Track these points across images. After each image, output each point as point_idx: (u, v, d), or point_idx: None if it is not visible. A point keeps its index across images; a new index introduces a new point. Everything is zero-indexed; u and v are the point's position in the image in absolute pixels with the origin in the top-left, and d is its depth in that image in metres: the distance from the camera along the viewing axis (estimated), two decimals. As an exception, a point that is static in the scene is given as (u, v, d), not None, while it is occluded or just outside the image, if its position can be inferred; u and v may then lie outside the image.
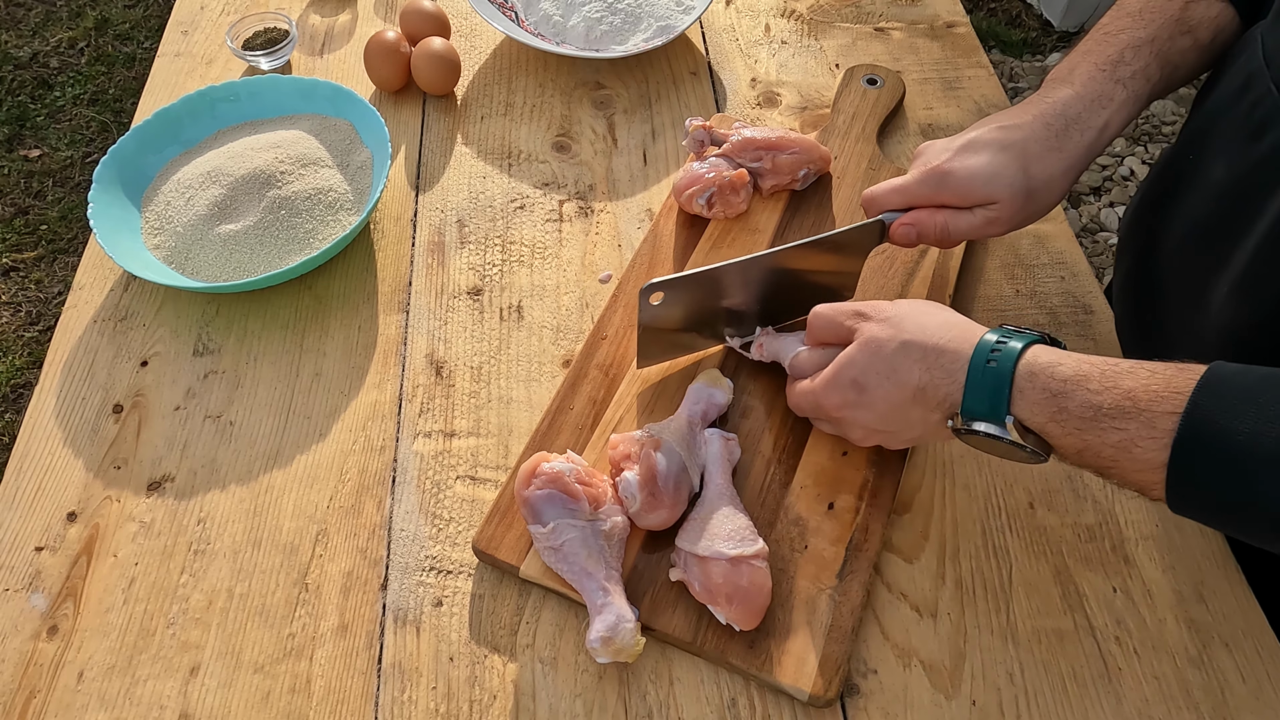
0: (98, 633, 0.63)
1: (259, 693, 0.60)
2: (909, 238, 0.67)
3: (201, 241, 0.78)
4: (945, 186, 0.65)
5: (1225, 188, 0.62)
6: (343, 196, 0.81)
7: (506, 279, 0.80)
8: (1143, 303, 0.72)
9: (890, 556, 0.64)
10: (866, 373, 0.59)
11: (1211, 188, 0.63)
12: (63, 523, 0.67)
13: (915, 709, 0.58)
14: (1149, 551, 0.64)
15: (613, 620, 0.57)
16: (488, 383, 0.74)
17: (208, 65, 0.99)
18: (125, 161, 0.83)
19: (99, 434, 0.72)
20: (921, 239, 0.68)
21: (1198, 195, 0.65)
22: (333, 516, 0.67)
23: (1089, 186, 2.03)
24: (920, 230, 0.67)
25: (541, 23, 0.98)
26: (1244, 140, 0.61)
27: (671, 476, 0.62)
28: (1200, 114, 0.67)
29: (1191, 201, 0.66)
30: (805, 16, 1.02)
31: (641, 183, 0.87)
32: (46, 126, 2.14)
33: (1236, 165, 0.61)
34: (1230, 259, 0.61)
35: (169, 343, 0.77)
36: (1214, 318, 0.62)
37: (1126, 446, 0.50)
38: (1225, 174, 0.62)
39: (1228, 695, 0.59)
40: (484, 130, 0.92)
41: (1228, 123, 0.63)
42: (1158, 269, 0.70)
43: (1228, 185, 0.62)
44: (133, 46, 2.32)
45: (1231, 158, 0.62)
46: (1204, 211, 0.64)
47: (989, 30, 2.34)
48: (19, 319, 1.84)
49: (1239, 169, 0.61)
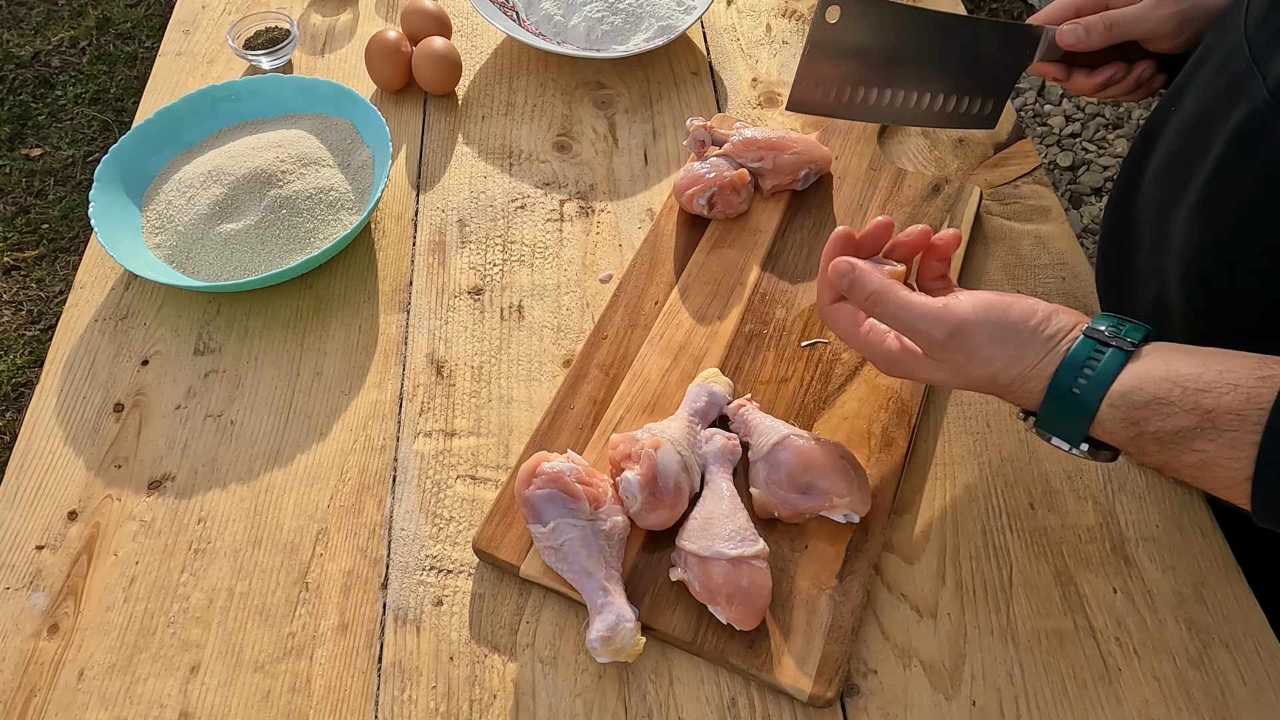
0: (98, 631, 0.63)
1: (259, 692, 0.60)
2: (1076, 34, 0.69)
3: (202, 241, 0.78)
4: None
5: (1190, 123, 0.63)
6: (344, 196, 0.82)
7: (507, 278, 0.80)
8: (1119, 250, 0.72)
9: (890, 557, 0.64)
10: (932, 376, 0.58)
11: (1180, 127, 0.64)
12: (63, 521, 0.67)
13: (915, 709, 0.58)
14: (1149, 552, 0.64)
15: (613, 620, 0.57)
16: (488, 382, 0.74)
17: (209, 64, 0.99)
18: (126, 160, 0.83)
19: (100, 433, 0.72)
20: (1090, 34, 0.69)
21: (1169, 136, 0.66)
22: (333, 516, 0.67)
23: (1090, 187, 2.03)
24: (1087, 25, 0.69)
25: (543, 22, 0.98)
26: (1212, 76, 0.62)
27: (672, 476, 0.62)
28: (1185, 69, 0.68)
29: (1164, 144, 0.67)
30: (806, 16, 1.02)
31: (642, 183, 0.87)
32: (48, 125, 2.15)
33: (1202, 100, 0.62)
34: (1188, 187, 0.61)
35: (170, 342, 0.77)
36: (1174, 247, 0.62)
37: (1208, 465, 0.49)
38: (1193, 109, 0.63)
39: (1228, 696, 0.59)
40: (485, 130, 0.92)
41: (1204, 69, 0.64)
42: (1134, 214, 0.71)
43: (1193, 120, 0.63)
44: (134, 45, 2.32)
45: (1201, 96, 0.63)
46: (1172, 149, 0.65)
47: (990, 30, 2.33)
48: (20, 318, 1.84)
49: (1203, 103, 0.62)
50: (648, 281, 0.77)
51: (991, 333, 0.54)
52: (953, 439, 0.70)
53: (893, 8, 0.71)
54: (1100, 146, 2.11)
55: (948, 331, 0.54)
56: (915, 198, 0.82)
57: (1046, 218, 0.83)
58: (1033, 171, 0.87)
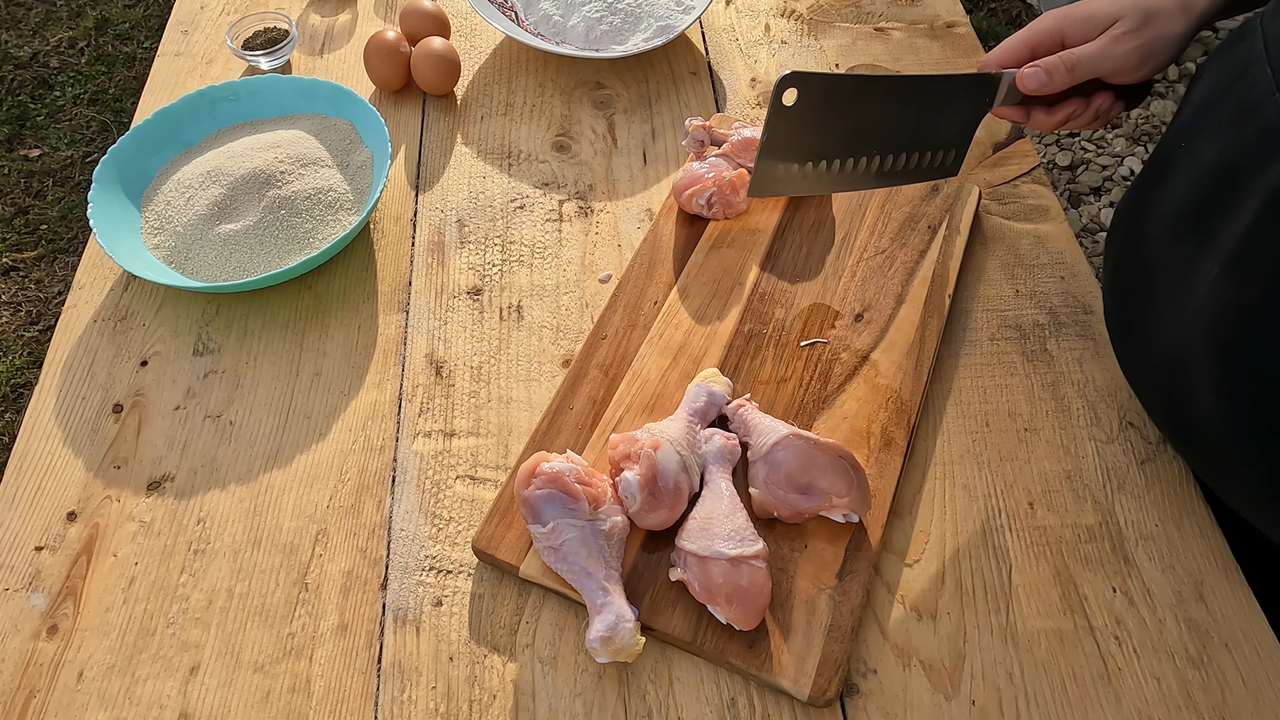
0: (97, 632, 0.63)
1: (259, 692, 0.60)
2: (1038, 79, 0.67)
3: (201, 241, 0.78)
4: (1067, 15, 0.67)
5: (1213, 169, 0.62)
6: (343, 196, 0.81)
7: (506, 279, 0.80)
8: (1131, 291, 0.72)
9: (890, 557, 0.64)
10: None
11: (1200, 171, 0.63)
12: (63, 522, 0.67)
13: (915, 709, 0.58)
14: (1148, 551, 0.64)
15: (612, 620, 0.57)
16: (487, 382, 0.74)
17: (208, 65, 0.99)
18: (125, 161, 0.83)
19: (99, 434, 0.72)
20: (1052, 77, 0.67)
21: (1186, 179, 0.65)
22: (332, 516, 0.67)
23: (1089, 186, 2.03)
24: (1048, 69, 0.67)
25: (541, 22, 0.98)
26: (1235, 122, 0.61)
27: (671, 476, 0.62)
28: (1190, 103, 0.67)
29: (1180, 186, 0.66)
30: (805, 16, 1.02)
31: (641, 183, 0.87)
32: (46, 126, 2.15)
33: (1227, 147, 0.61)
34: (1217, 239, 0.61)
35: (169, 342, 0.77)
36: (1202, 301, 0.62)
37: None
38: (1215, 156, 0.62)
39: (1227, 695, 0.59)
40: (484, 130, 0.92)
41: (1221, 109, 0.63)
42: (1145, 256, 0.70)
43: (1216, 166, 0.62)
44: (133, 46, 2.32)
45: (1222, 140, 0.62)
46: (1191, 194, 0.64)
47: (989, 30, 2.34)
48: (19, 319, 1.84)
49: (1229, 151, 0.61)
50: (647, 281, 0.77)
51: None
52: (952, 439, 0.70)
53: (850, 80, 0.69)
54: (1099, 146, 2.11)
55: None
56: (914, 197, 0.82)
57: (1045, 217, 0.83)
58: (1031, 171, 0.87)
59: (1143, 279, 0.69)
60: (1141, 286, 0.69)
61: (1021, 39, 0.69)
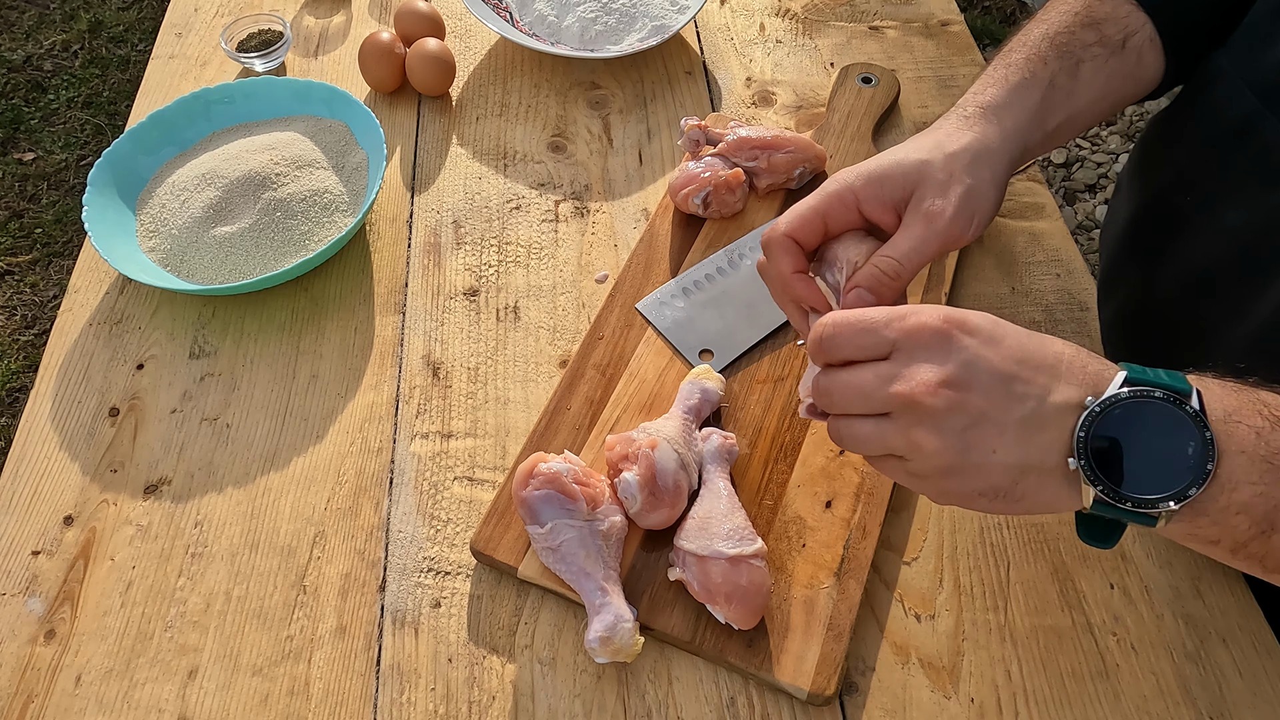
0: (95, 636, 0.62)
1: (257, 695, 0.60)
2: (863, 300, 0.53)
3: (197, 244, 0.78)
4: (861, 174, 0.56)
5: (1240, 235, 0.61)
6: (338, 198, 0.81)
7: (503, 279, 0.80)
8: (1136, 343, 0.71)
9: (888, 555, 0.64)
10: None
11: (1221, 233, 0.62)
12: (59, 526, 0.67)
13: (914, 707, 0.58)
14: (1146, 548, 0.65)
15: (611, 620, 0.57)
16: (484, 383, 0.74)
17: (202, 67, 0.98)
18: (120, 164, 0.83)
19: (95, 437, 0.72)
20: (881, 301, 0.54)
21: (1203, 240, 0.63)
22: (330, 518, 0.67)
23: (1084, 184, 2.03)
24: (869, 286, 0.54)
25: (536, 23, 0.98)
26: (1259, 186, 0.59)
27: (671, 475, 0.62)
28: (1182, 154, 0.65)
29: (1194, 246, 0.64)
30: (800, 15, 1.03)
31: (637, 182, 0.87)
32: (40, 130, 2.14)
33: (1255, 213, 0.60)
34: (1248, 310, 0.60)
35: (165, 345, 0.77)
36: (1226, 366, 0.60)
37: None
38: (1240, 221, 0.60)
39: (1225, 691, 0.59)
40: (479, 131, 0.92)
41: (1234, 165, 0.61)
42: (1153, 311, 0.69)
43: (1243, 232, 0.60)
44: (127, 49, 2.32)
45: (1247, 204, 0.60)
46: (1212, 256, 0.63)
47: (984, 28, 2.34)
48: (14, 323, 1.83)
49: (1257, 216, 0.59)
50: (643, 281, 0.77)
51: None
52: (949, 436, 0.70)
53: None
54: (1094, 143, 2.12)
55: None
56: (910, 196, 0.82)
57: (1041, 215, 0.84)
58: (1026, 168, 0.87)
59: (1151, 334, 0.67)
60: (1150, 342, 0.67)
61: (812, 208, 0.56)
